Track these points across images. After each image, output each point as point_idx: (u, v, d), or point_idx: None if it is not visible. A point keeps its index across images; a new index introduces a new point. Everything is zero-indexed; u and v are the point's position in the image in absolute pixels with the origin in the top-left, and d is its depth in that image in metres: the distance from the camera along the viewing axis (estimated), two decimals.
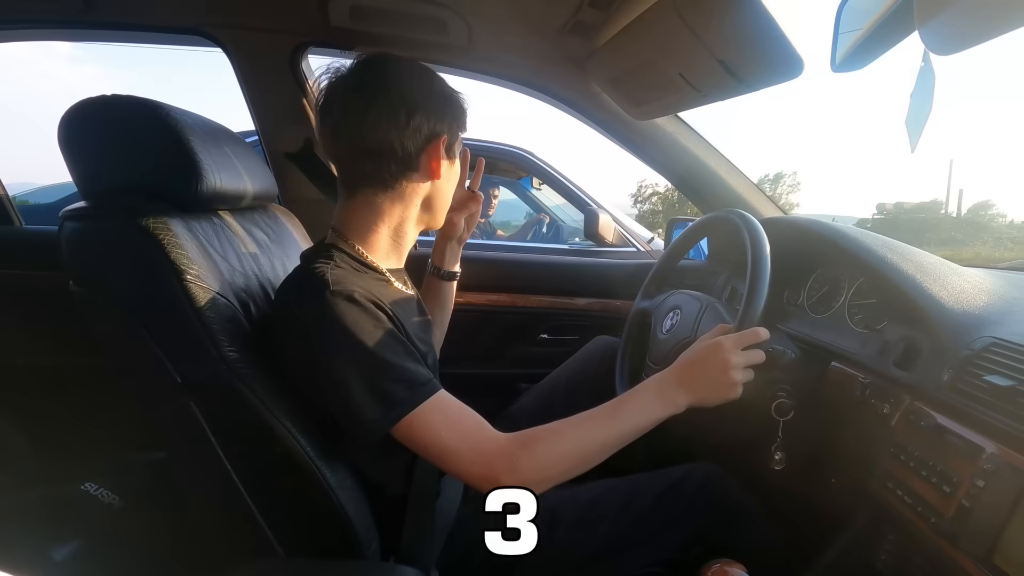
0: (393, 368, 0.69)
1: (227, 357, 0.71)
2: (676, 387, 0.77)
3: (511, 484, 0.70)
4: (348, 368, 0.68)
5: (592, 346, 1.28)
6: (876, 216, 31.05)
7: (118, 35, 1.12)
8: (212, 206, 0.86)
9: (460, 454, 0.70)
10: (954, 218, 30.58)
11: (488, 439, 0.71)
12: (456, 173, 0.87)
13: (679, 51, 0.88)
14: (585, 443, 0.73)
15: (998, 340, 0.70)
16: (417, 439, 0.70)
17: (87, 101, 0.75)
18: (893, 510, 0.75)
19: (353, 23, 1.07)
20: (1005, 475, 0.60)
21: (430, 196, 0.83)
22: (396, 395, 0.69)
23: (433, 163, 0.79)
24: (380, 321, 0.71)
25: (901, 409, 0.77)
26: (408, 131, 0.76)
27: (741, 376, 0.77)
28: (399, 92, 0.76)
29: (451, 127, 0.80)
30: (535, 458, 0.71)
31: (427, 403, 0.70)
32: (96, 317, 0.71)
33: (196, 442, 0.71)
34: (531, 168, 2.57)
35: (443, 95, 0.80)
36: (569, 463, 0.73)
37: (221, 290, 0.74)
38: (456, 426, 0.71)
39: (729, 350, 0.77)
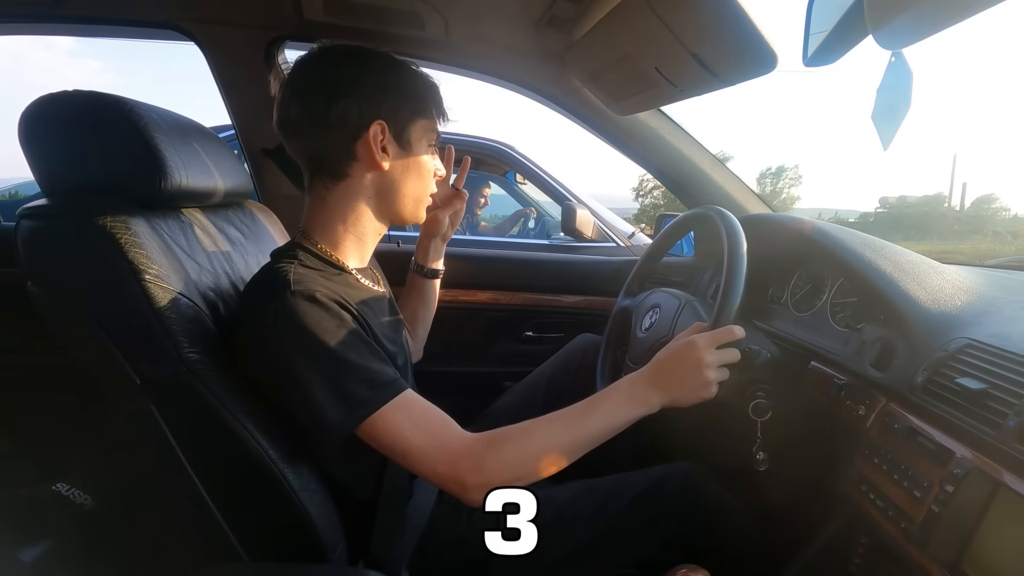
0: (356, 368, 0.68)
1: (187, 358, 0.69)
2: (649, 387, 0.76)
3: (477, 483, 0.68)
4: (310, 369, 0.67)
5: (574, 344, 1.27)
6: (879, 210, 31.00)
7: (89, 29, 1.10)
8: (180, 203, 0.85)
9: (425, 454, 0.69)
10: (957, 212, 30.51)
11: (454, 438, 0.70)
12: (420, 164, 0.83)
13: (653, 45, 0.86)
14: (554, 443, 0.72)
15: (973, 341, 0.68)
16: (382, 439, 0.69)
17: (48, 97, 0.74)
18: (866, 513, 0.73)
19: (327, 17, 1.05)
20: (975, 480, 0.59)
21: (382, 187, 0.81)
22: (359, 395, 0.68)
23: (370, 151, 0.76)
24: (343, 321, 0.70)
25: (876, 410, 0.76)
26: (331, 119, 0.75)
27: (715, 375, 0.76)
28: (323, 80, 0.76)
29: (395, 113, 0.77)
30: (501, 458, 0.70)
31: (391, 403, 0.69)
32: (54, 318, 0.70)
33: (157, 444, 0.70)
34: (510, 163, 2.56)
35: (380, 81, 0.77)
36: (537, 463, 0.71)
37: (184, 290, 0.73)
38: (421, 425, 0.70)
39: (702, 349, 0.75)
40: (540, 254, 1.76)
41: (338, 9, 1.04)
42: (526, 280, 1.55)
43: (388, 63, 0.80)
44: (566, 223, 2.09)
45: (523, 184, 3.05)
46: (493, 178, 3.14)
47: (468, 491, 0.69)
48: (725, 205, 1.33)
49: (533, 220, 3.18)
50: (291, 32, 1.11)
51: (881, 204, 32.04)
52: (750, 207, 1.37)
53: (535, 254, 1.74)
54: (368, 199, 0.81)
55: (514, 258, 1.62)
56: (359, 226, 0.82)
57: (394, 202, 0.82)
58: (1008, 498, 0.55)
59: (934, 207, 31.15)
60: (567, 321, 1.56)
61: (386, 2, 1.02)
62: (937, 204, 31.56)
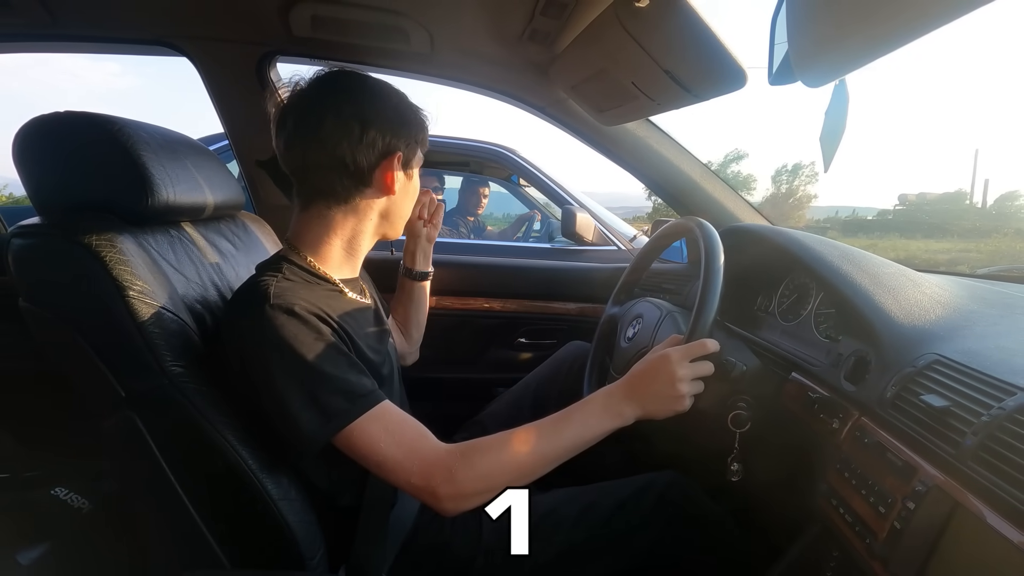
0: (331, 380, 0.70)
1: (170, 372, 0.72)
2: (623, 400, 0.77)
3: (449, 494, 0.70)
4: (287, 381, 0.69)
5: (564, 352, 1.28)
6: (898, 207, 30.43)
7: (84, 47, 1.13)
8: (169, 218, 0.87)
9: (399, 465, 0.70)
10: (979, 209, 29.83)
11: (428, 449, 0.72)
12: (415, 188, 0.88)
13: (628, 61, 0.87)
14: (526, 456, 0.73)
15: (941, 358, 0.68)
16: (356, 450, 0.71)
17: (40, 119, 0.77)
18: (836, 527, 0.73)
19: (315, 33, 1.07)
20: (935, 498, 0.59)
21: (386, 210, 0.84)
22: (335, 407, 0.69)
23: (387, 179, 0.80)
24: (321, 333, 0.72)
25: (849, 425, 0.76)
26: (361, 146, 0.77)
27: (687, 388, 0.77)
28: (352, 107, 0.77)
29: (408, 144, 0.81)
30: (474, 469, 0.71)
31: (367, 415, 0.70)
32: (43, 332, 0.73)
33: (141, 455, 0.73)
34: (512, 166, 2.57)
35: (400, 112, 0.81)
36: (509, 475, 0.73)
37: (170, 304, 0.75)
38: (395, 436, 0.71)
39: (676, 362, 0.77)
40: (532, 261, 1.76)
41: (326, 26, 1.06)
42: (519, 287, 1.56)
43: (394, 91, 0.83)
44: (566, 227, 2.09)
45: (527, 186, 3.06)
46: (499, 181, 3.16)
47: (441, 502, 0.70)
48: (715, 214, 1.35)
49: (538, 223, 3.19)
50: (281, 48, 1.13)
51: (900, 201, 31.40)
52: (742, 216, 1.37)
53: (528, 261, 1.75)
54: (370, 220, 0.84)
55: (507, 266, 1.63)
56: (355, 243, 0.85)
57: (392, 223, 0.87)
58: (965, 517, 0.55)
59: (955, 204, 30.43)
60: (559, 328, 1.57)
61: (372, 18, 1.04)
62: (958, 201, 30.82)
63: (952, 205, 30.64)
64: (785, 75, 0.63)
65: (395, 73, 1.25)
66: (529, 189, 3.10)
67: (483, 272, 1.57)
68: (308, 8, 1.00)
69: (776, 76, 0.64)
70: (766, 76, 0.66)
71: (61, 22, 1.04)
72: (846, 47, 0.34)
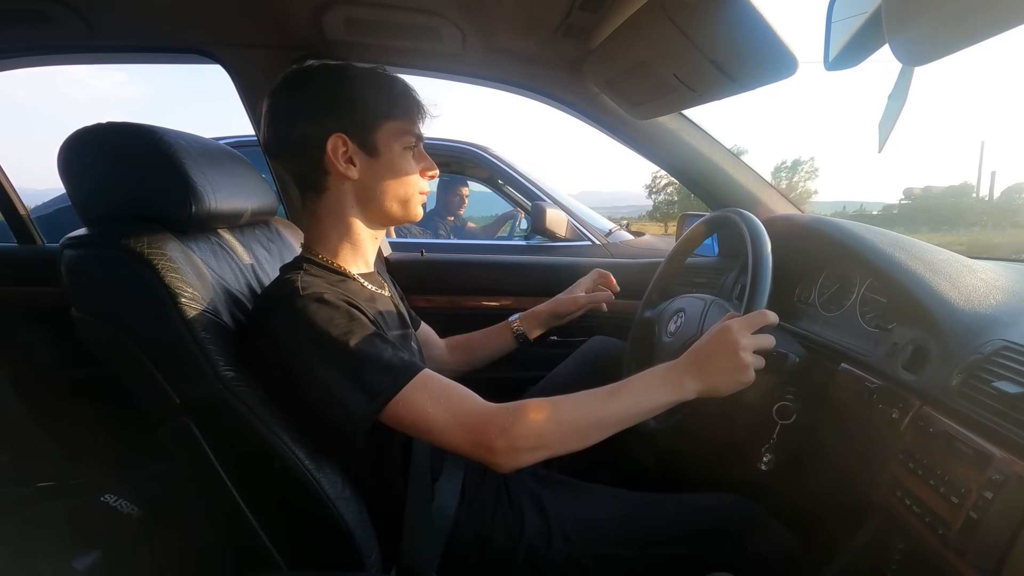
0: (370, 358, 0.70)
1: (223, 376, 0.72)
2: (684, 373, 0.75)
3: (503, 447, 0.69)
4: (327, 367, 0.69)
5: (588, 347, 1.27)
6: (903, 201, 30.07)
7: (119, 57, 1.14)
8: (210, 226, 0.88)
9: (449, 426, 0.70)
10: (986, 201, 29.37)
11: (477, 407, 0.72)
12: (396, 166, 0.82)
13: (671, 52, 0.86)
14: (580, 416, 0.73)
15: (1009, 343, 0.67)
16: (405, 420, 0.71)
17: (84, 130, 0.78)
18: (901, 519, 0.72)
19: (348, 35, 1.07)
20: (1014, 486, 0.57)
21: (361, 195, 0.83)
22: (379, 383, 0.69)
23: (336, 163, 0.79)
24: (352, 317, 0.72)
25: (910, 414, 0.74)
26: (295, 139, 0.79)
27: (751, 359, 0.75)
28: (284, 104, 0.80)
29: (356, 122, 0.79)
30: (526, 424, 0.70)
31: (410, 384, 0.70)
32: (96, 341, 0.74)
33: (196, 459, 0.73)
34: (484, 165, 2.56)
35: (334, 94, 0.79)
36: (564, 435, 0.72)
37: (217, 309, 0.76)
38: (442, 400, 0.71)
39: (737, 331, 0.75)
40: (558, 258, 1.75)
41: (358, 27, 1.06)
42: (546, 285, 1.55)
43: (343, 75, 0.81)
44: (536, 223, 2.08)
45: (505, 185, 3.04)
46: (483, 180, 3.13)
47: (495, 455, 0.70)
48: (748, 205, 1.33)
49: (523, 221, 3.14)
50: (314, 51, 1.13)
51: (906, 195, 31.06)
52: (774, 206, 1.36)
53: (554, 259, 1.74)
54: (352, 208, 0.83)
55: (533, 263, 1.63)
56: (352, 234, 0.84)
57: (378, 207, 0.84)
58: None
59: (961, 197, 30.01)
60: (587, 324, 1.55)
61: (404, 18, 1.04)
62: (965, 194, 30.38)
63: (958, 197, 30.21)
64: (845, 60, 0.61)
65: (425, 73, 1.25)
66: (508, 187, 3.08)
67: (511, 271, 1.56)
68: (342, 11, 1.01)
69: (835, 61, 0.63)
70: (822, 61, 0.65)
71: (98, 34, 1.06)
72: (952, 23, 0.33)
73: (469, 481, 0.94)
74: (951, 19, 0.32)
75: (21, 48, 1.09)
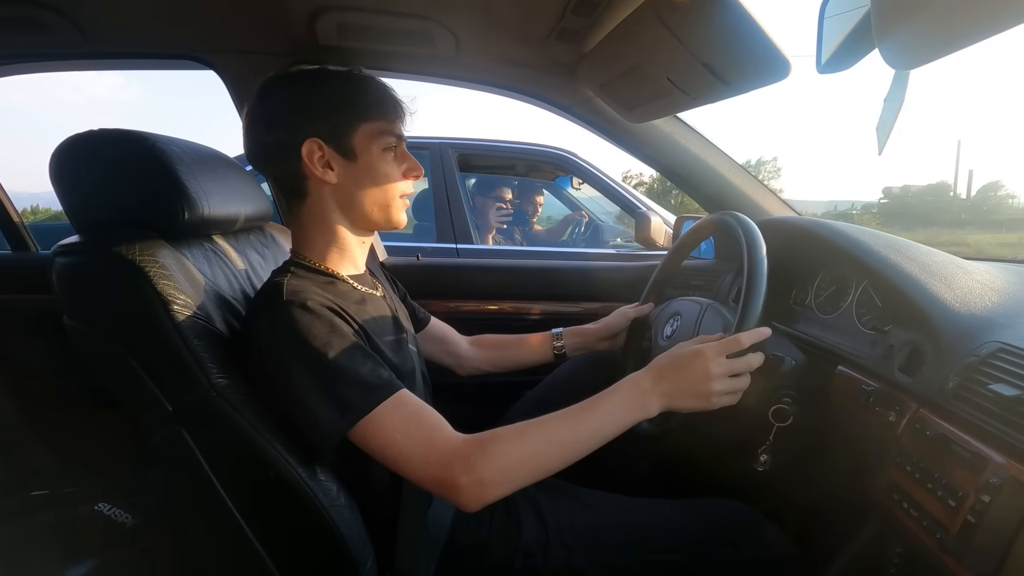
0: (346, 373, 0.69)
1: (216, 383, 0.72)
2: (649, 393, 0.74)
3: (469, 484, 0.67)
4: (302, 375, 0.68)
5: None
6: (882, 200, 30.18)
7: (112, 64, 1.14)
8: (203, 232, 0.87)
9: (415, 456, 0.68)
10: (963, 200, 29.48)
11: (444, 440, 0.70)
12: (375, 169, 0.81)
13: (664, 56, 0.86)
14: (547, 445, 0.71)
15: (1005, 345, 0.66)
16: (372, 443, 0.69)
17: (76, 137, 0.77)
18: (899, 523, 0.72)
19: (341, 41, 1.07)
20: (1011, 490, 0.57)
21: (341, 199, 0.82)
22: (350, 400, 0.68)
23: (315, 168, 0.78)
24: (334, 327, 0.71)
25: (907, 417, 0.74)
26: (270, 147, 0.79)
27: (720, 386, 0.74)
28: (260, 113, 0.80)
29: (329, 126, 0.78)
30: (493, 459, 0.68)
31: (382, 406, 0.69)
32: (88, 349, 0.73)
33: (189, 468, 0.72)
34: (572, 169, 2.58)
35: (304, 100, 0.79)
36: (530, 466, 0.70)
37: (210, 316, 0.76)
38: (411, 428, 0.69)
39: (710, 358, 0.74)
40: (558, 263, 1.76)
41: (351, 33, 1.06)
42: (546, 289, 1.55)
43: (315, 79, 0.81)
44: (641, 232, 2.05)
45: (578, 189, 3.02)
46: (542, 183, 3.12)
47: (460, 494, 0.67)
48: (745, 208, 1.33)
49: (584, 225, 3.13)
50: (307, 57, 1.13)
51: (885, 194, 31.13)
52: (771, 209, 1.36)
53: (553, 263, 1.74)
54: (334, 212, 0.82)
55: (536, 267, 1.63)
56: (337, 238, 0.84)
57: (358, 211, 0.83)
58: None
59: (939, 196, 30.10)
60: None
61: (397, 23, 1.04)
62: (942, 193, 30.44)
63: (936, 197, 30.33)
64: (836, 63, 0.61)
65: (418, 77, 1.25)
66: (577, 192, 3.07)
67: (514, 275, 1.56)
68: (335, 16, 1.00)
69: (827, 64, 0.63)
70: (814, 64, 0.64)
71: (92, 41, 1.06)
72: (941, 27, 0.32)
73: None
74: (940, 22, 0.32)
75: (14, 55, 1.09)
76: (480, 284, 1.53)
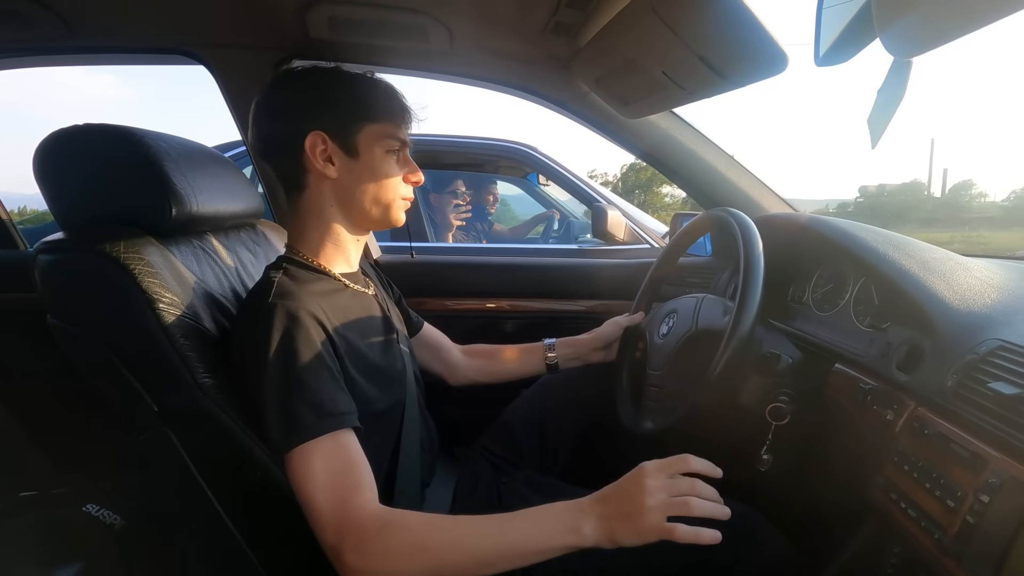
0: (306, 389, 0.67)
1: (203, 384, 0.71)
2: (584, 515, 0.65)
3: (353, 565, 0.62)
4: (269, 380, 0.67)
5: None
6: (859, 199, 30.37)
7: (100, 58, 1.12)
8: (192, 229, 0.86)
9: (319, 512, 0.64)
10: (936, 199, 29.67)
11: (354, 506, 0.64)
12: (376, 169, 0.81)
13: (660, 49, 0.85)
14: (455, 548, 0.65)
15: (1005, 343, 0.65)
16: (293, 474, 0.66)
17: (60, 132, 0.76)
18: (897, 522, 0.71)
19: (332, 35, 1.06)
20: (1011, 490, 0.56)
21: (340, 195, 0.81)
22: (302, 419, 0.66)
23: (317, 161, 0.78)
24: (311, 339, 0.70)
25: (905, 416, 0.73)
26: (274, 137, 0.79)
27: (654, 502, 0.63)
28: (267, 100, 0.80)
29: (336, 122, 0.78)
30: (388, 546, 0.63)
31: (322, 439, 0.66)
32: (72, 348, 0.72)
33: (177, 470, 0.71)
34: (534, 164, 2.53)
35: (315, 93, 0.79)
36: (426, 565, 0.64)
37: (197, 315, 0.74)
38: (332, 480, 0.65)
39: (649, 472, 0.65)
40: (554, 260, 1.74)
41: (343, 27, 1.04)
42: (542, 287, 1.54)
43: (328, 76, 0.81)
44: (597, 225, 2.02)
45: (546, 186, 3.00)
46: (515, 181, 3.10)
47: (344, 570, 0.63)
48: (742, 204, 1.32)
49: (557, 222, 3.13)
50: (298, 51, 1.12)
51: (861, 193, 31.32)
52: (768, 205, 1.35)
53: (549, 260, 1.72)
54: (331, 207, 0.82)
55: (531, 265, 1.61)
56: (333, 233, 0.83)
57: (356, 208, 0.83)
58: None
59: (913, 195, 30.26)
60: (584, 327, 1.54)
61: (391, 17, 1.02)
62: (916, 191, 30.60)
63: (909, 196, 30.48)
64: (835, 55, 0.60)
65: (412, 72, 1.24)
66: (548, 187, 3.04)
67: (508, 273, 1.55)
68: (326, 10, 0.99)
69: (825, 56, 0.61)
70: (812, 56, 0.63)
71: (78, 35, 1.04)
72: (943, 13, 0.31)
73: (461, 488, 0.93)
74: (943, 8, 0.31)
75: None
76: (475, 282, 1.52)
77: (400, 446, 0.83)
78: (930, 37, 0.34)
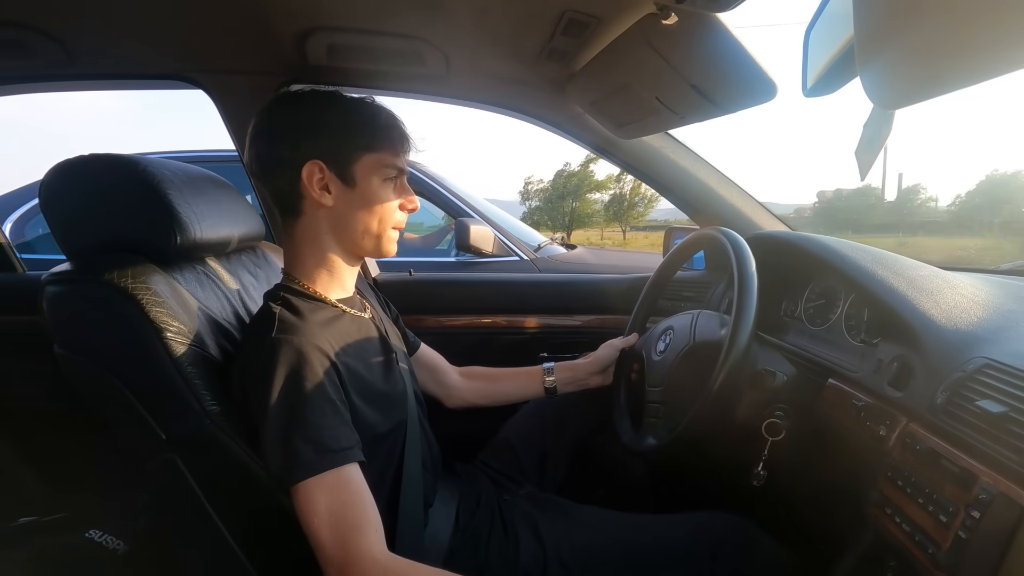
0: (308, 426, 0.68)
1: (210, 411, 0.71)
2: None
3: None
4: (270, 415, 0.68)
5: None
6: (816, 204, 30.80)
7: (99, 85, 1.13)
8: (196, 255, 0.87)
9: (323, 548, 0.66)
10: (888, 203, 30.15)
11: (356, 546, 0.65)
12: (372, 198, 0.81)
13: (653, 77, 0.87)
14: None
15: (991, 361, 0.68)
16: (298, 508, 0.67)
17: (65, 163, 0.77)
18: (892, 536, 0.72)
19: (331, 61, 1.07)
20: (1001, 506, 0.58)
21: (335, 223, 0.82)
22: (303, 455, 0.67)
23: (313, 190, 0.78)
24: (315, 374, 0.71)
25: (897, 431, 0.75)
26: (272, 161, 0.79)
27: None
28: (266, 123, 0.80)
29: (334, 150, 0.78)
30: None
31: (326, 475, 0.67)
32: (80, 378, 0.72)
33: (184, 497, 0.72)
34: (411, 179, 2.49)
35: (316, 121, 0.79)
36: None
37: (203, 343, 0.75)
38: (334, 515, 0.66)
39: None
40: (550, 276, 1.76)
41: (341, 53, 1.06)
42: (538, 302, 1.56)
43: (328, 101, 0.81)
44: (461, 240, 2.00)
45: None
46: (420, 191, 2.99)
47: None
48: (735, 222, 1.35)
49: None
50: (297, 77, 1.13)
51: (818, 198, 31.73)
52: (761, 222, 1.37)
53: (544, 276, 1.74)
54: (326, 234, 0.82)
55: (528, 281, 1.63)
56: (327, 260, 0.83)
57: (350, 237, 0.83)
58: None
59: (866, 199, 30.70)
60: (581, 341, 1.56)
61: (388, 43, 1.04)
62: (870, 197, 31.07)
63: (863, 200, 30.88)
64: (822, 87, 0.63)
65: (409, 96, 1.26)
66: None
67: (502, 289, 1.56)
68: (325, 37, 1.01)
69: (813, 88, 0.64)
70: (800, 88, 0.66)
71: (78, 63, 1.05)
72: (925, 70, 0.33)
73: (463, 507, 0.94)
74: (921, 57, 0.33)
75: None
76: (473, 298, 1.53)
77: (403, 466, 0.84)
78: (910, 88, 0.36)
